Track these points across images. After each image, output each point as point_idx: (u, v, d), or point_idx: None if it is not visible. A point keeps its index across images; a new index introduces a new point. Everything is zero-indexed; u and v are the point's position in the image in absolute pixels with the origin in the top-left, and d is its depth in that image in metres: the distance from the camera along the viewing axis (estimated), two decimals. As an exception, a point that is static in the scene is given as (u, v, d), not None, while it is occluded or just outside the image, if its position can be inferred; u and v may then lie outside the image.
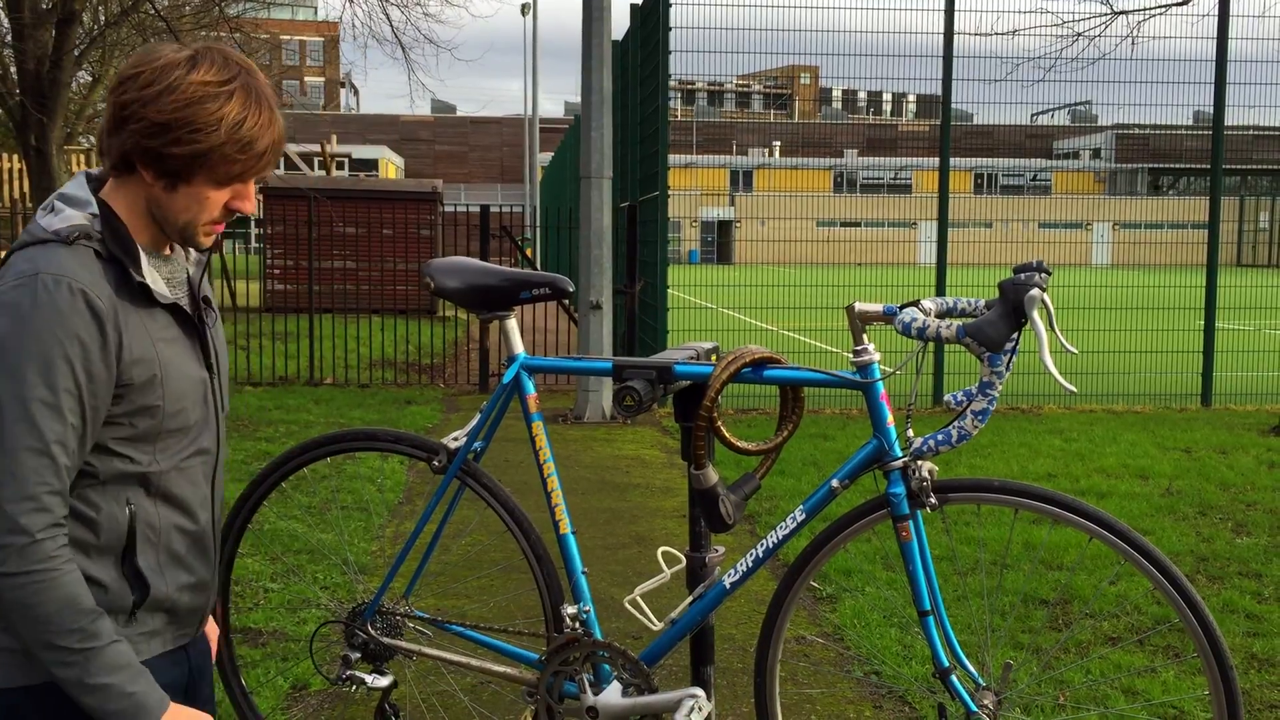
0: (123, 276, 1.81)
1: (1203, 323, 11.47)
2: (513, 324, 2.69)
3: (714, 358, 2.66)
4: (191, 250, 1.99)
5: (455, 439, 2.70)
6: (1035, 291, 2.20)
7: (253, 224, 29.09)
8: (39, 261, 1.73)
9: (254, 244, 29.65)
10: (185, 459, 1.91)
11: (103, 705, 1.75)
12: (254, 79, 1.84)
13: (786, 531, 2.53)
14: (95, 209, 1.82)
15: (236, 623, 4.78)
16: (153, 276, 1.86)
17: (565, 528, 2.63)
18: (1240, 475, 7.81)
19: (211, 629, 2.26)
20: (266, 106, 1.83)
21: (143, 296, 1.83)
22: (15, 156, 17.76)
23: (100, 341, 1.74)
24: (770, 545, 2.53)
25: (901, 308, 2.37)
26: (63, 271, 1.73)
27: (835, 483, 2.48)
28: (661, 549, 2.66)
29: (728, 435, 2.47)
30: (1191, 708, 4.03)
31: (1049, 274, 2.26)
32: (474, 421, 2.71)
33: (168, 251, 1.93)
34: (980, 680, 2.49)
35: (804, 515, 2.52)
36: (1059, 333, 2.36)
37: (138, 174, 1.82)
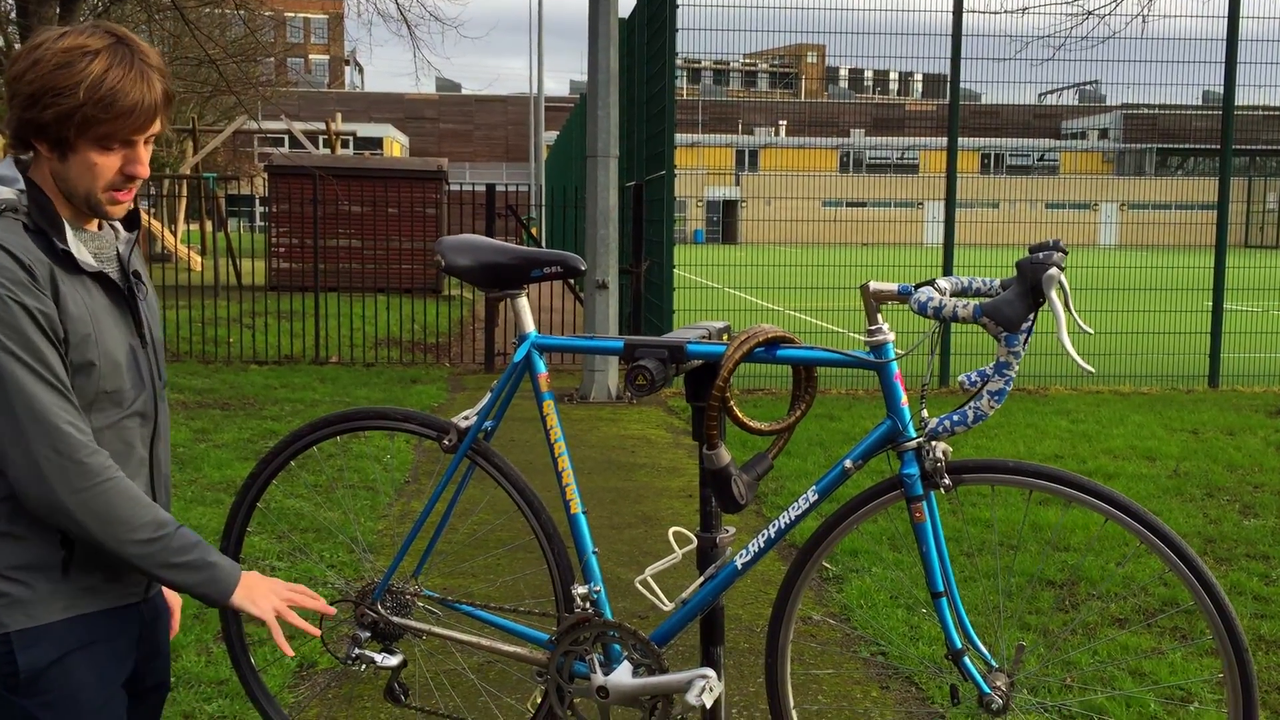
0: (50, 246, 1.90)
1: (1210, 304, 11.43)
2: (523, 302, 2.67)
3: (726, 337, 2.64)
4: (121, 230, 2.08)
5: (466, 418, 2.68)
6: (1054, 271, 2.17)
7: (257, 203, 29.04)
8: None
9: (259, 223, 29.63)
10: (119, 420, 1.99)
11: (188, 579, 1.97)
12: (126, 44, 1.91)
13: (799, 512, 2.51)
14: (22, 185, 1.92)
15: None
16: (77, 247, 1.94)
17: (576, 507, 2.61)
18: (1248, 457, 7.79)
19: (174, 601, 2.32)
20: (133, 67, 1.89)
21: (71, 265, 1.92)
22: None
23: (34, 284, 1.84)
24: (782, 526, 2.51)
25: (917, 287, 2.35)
26: None
27: (849, 463, 2.46)
28: (672, 529, 2.64)
29: (740, 415, 2.45)
30: (1199, 689, 4.02)
31: (1066, 253, 2.23)
32: (484, 400, 2.69)
33: (93, 227, 2.02)
34: (993, 662, 2.48)
35: (816, 496, 2.50)
36: (1075, 313, 2.34)
37: (36, 150, 1.92)
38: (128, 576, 2.05)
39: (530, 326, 2.67)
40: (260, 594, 2.07)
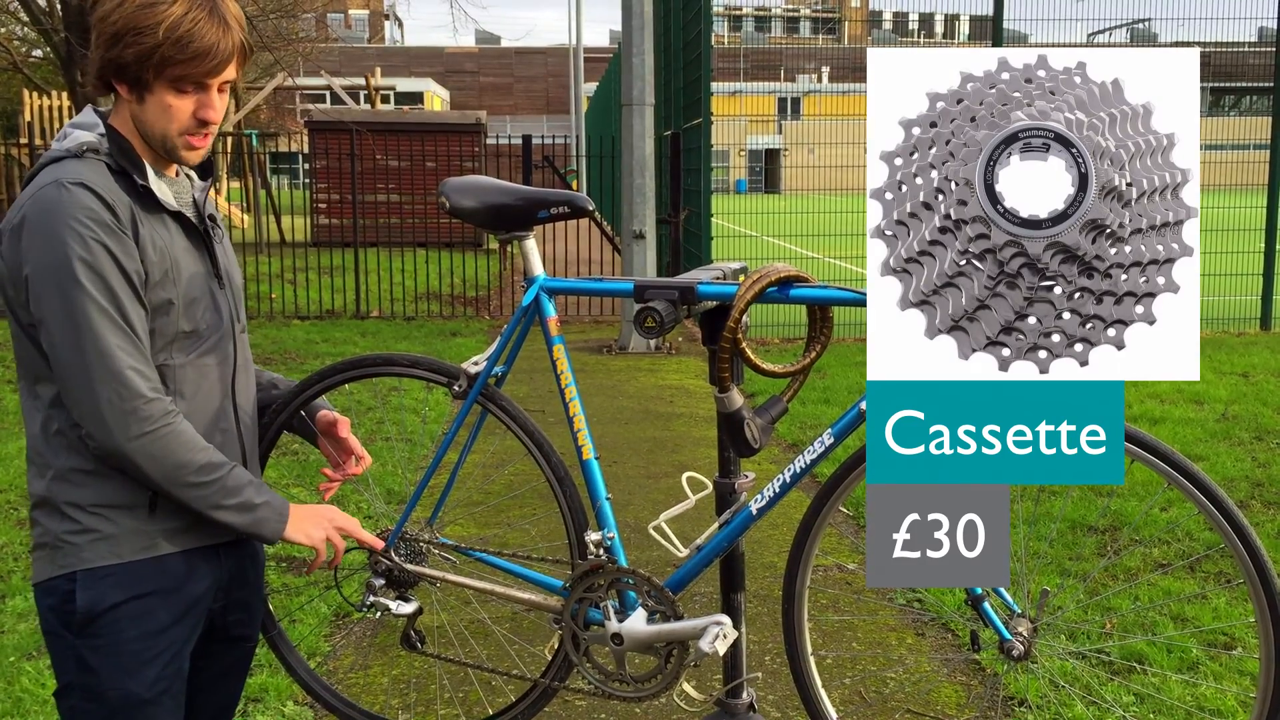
0: (132, 186, 1.96)
1: (1263, 245, 11.16)
2: (531, 244, 2.61)
3: (741, 278, 2.57)
4: (196, 179, 2.13)
5: (475, 363, 2.64)
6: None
7: (300, 159, 29.15)
8: (55, 172, 1.92)
9: (303, 179, 29.74)
10: (199, 357, 2.04)
11: (238, 519, 2.01)
12: None
13: (814, 456, 2.45)
14: (103, 130, 1.98)
15: (281, 551, 4.82)
16: (158, 185, 2.00)
17: (588, 453, 2.56)
18: (1300, 399, 7.61)
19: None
20: (213, 14, 1.95)
21: (152, 203, 1.98)
22: (64, 95, 17.83)
23: (119, 225, 1.91)
24: (798, 470, 2.45)
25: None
26: (77, 177, 1.90)
27: (864, 405, 2.39)
28: (686, 475, 2.59)
29: (752, 357, 2.38)
30: (1243, 634, 3.93)
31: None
32: (494, 345, 2.64)
33: (172, 174, 2.08)
34: (1015, 607, 2.42)
35: (832, 439, 2.44)
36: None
37: (116, 93, 1.99)
38: (210, 519, 2.06)
39: (538, 270, 2.61)
40: (312, 524, 2.13)
